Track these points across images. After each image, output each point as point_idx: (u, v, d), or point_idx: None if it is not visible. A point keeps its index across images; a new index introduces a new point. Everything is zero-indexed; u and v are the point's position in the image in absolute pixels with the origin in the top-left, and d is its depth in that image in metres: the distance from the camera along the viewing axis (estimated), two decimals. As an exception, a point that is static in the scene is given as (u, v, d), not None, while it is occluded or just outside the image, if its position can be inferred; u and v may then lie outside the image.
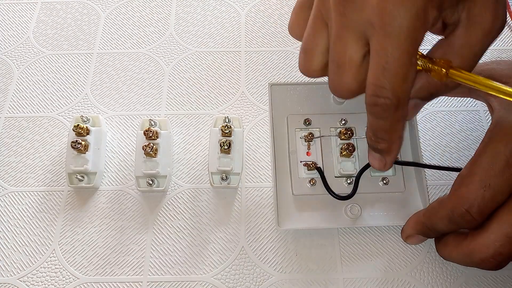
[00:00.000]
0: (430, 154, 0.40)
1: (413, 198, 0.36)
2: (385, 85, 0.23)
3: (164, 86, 0.43)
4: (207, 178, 0.38)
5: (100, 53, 0.45)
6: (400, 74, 0.23)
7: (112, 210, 0.37)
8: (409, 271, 0.35)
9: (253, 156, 0.40)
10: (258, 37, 0.46)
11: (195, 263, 0.35)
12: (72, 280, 0.35)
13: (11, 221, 0.37)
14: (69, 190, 0.38)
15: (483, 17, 0.23)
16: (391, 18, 0.22)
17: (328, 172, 0.36)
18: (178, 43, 0.46)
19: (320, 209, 0.35)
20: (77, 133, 0.37)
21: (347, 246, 0.36)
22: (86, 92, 0.43)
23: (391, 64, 0.23)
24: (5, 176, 0.39)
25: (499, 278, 0.34)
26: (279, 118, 0.38)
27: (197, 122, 0.41)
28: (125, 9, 0.49)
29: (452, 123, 0.41)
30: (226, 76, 0.44)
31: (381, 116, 0.25)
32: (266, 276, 0.35)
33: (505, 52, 0.46)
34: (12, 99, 0.43)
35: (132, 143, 0.40)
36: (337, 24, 0.24)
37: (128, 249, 0.36)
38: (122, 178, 0.39)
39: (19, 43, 0.46)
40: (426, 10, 0.22)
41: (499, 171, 0.28)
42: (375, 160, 0.29)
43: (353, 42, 0.24)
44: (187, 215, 0.37)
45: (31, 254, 0.36)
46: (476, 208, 0.28)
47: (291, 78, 0.44)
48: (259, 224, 0.37)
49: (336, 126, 0.37)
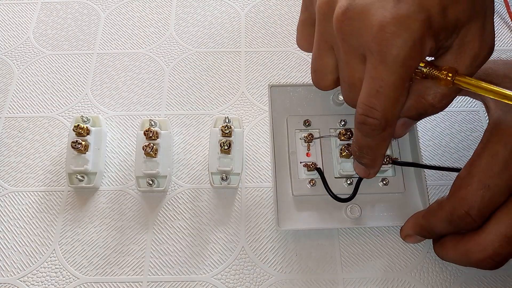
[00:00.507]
0: (429, 155, 0.40)
1: (413, 198, 0.36)
2: (376, 106, 0.24)
3: (164, 86, 0.43)
4: (207, 178, 0.38)
5: (100, 53, 0.45)
6: (391, 98, 0.24)
7: (112, 210, 0.37)
8: (409, 271, 0.35)
9: (253, 156, 0.40)
10: (258, 37, 0.46)
11: (195, 263, 0.35)
12: (72, 280, 0.35)
13: (11, 221, 0.37)
14: (69, 190, 0.38)
15: (472, 44, 0.24)
16: (388, 47, 0.22)
17: (328, 173, 0.36)
18: (178, 43, 0.46)
19: (320, 209, 0.35)
20: (77, 133, 0.37)
21: (347, 246, 0.36)
22: (86, 92, 0.43)
23: (384, 88, 0.24)
24: (5, 176, 0.39)
25: (499, 278, 0.34)
26: (279, 119, 0.38)
27: (197, 122, 0.41)
28: (125, 9, 0.49)
29: (451, 124, 0.41)
30: (226, 76, 0.44)
31: (368, 135, 0.26)
32: (266, 276, 0.35)
33: (505, 52, 0.46)
34: (12, 99, 0.43)
35: (132, 143, 0.40)
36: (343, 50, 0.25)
37: (128, 249, 0.36)
38: (122, 178, 0.39)
39: (19, 43, 0.46)
40: (423, 40, 0.23)
41: (498, 172, 0.28)
42: (360, 169, 0.31)
43: (359, 65, 0.25)
44: (187, 215, 0.37)
45: (31, 254, 0.36)
46: (476, 209, 0.28)
47: (291, 78, 0.44)
48: (259, 224, 0.37)
49: (335, 127, 0.37)
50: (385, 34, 0.22)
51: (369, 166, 0.30)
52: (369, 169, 0.31)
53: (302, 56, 0.45)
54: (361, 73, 0.25)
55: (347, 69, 0.26)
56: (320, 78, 0.29)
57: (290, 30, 0.47)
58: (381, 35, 0.22)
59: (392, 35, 0.22)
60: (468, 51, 0.24)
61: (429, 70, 0.24)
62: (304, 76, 0.44)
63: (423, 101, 0.26)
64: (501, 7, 0.48)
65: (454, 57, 0.25)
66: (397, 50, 0.22)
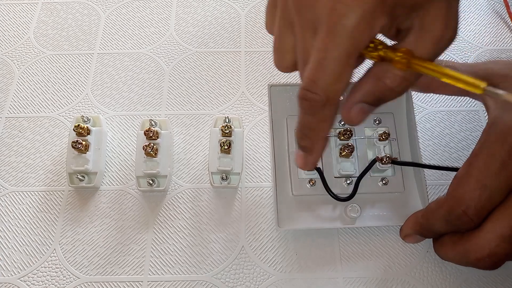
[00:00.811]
0: (429, 154, 0.40)
1: (412, 198, 0.36)
2: (317, 80, 0.23)
3: (165, 86, 0.44)
4: (207, 178, 0.38)
5: (101, 53, 0.46)
6: (334, 73, 0.23)
7: (112, 210, 0.37)
8: (408, 270, 0.35)
9: (253, 156, 0.40)
10: (258, 37, 0.47)
11: (195, 262, 0.35)
12: (72, 279, 0.35)
13: (11, 221, 0.37)
14: (69, 190, 0.38)
15: (435, 25, 0.23)
16: (337, 18, 0.22)
17: (328, 173, 0.36)
18: (178, 43, 0.46)
19: (320, 209, 0.36)
20: (78, 133, 0.37)
21: (347, 245, 0.36)
22: (86, 92, 0.43)
23: (328, 61, 0.23)
24: (6, 176, 0.39)
25: (498, 278, 0.34)
26: (279, 119, 0.38)
27: (197, 122, 0.42)
28: (126, 9, 0.49)
29: (451, 123, 0.41)
30: (226, 76, 0.44)
31: (308, 112, 0.25)
32: (266, 275, 0.35)
33: (504, 52, 0.46)
34: (13, 99, 0.43)
35: (132, 143, 0.40)
36: (297, 24, 0.24)
37: (129, 249, 0.36)
38: (122, 178, 0.39)
39: (20, 43, 0.46)
40: (374, 15, 0.22)
41: (495, 172, 0.28)
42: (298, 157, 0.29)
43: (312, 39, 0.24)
44: (187, 215, 0.37)
45: (32, 253, 0.36)
46: (473, 209, 0.28)
47: (291, 78, 0.44)
48: (259, 223, 0.37)
49: (335, 126, 0.37)
50: (336, 5, 0.22)
51: (308, 150, 0.28)
52: (307, 156, 0.28)
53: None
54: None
55: (302, 44, 0.25)
56: (280, 58, 0.28)
57: (290, 30, 0.47)
58: (332, 5, 0.22)
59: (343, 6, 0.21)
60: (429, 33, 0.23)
61: (384, 52, 0.23)
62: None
63: (381, 84, 0.24)
64: (501, 7, 0.48)
65: (415, 39, 0.23)
66: (345, 21, 0.22)
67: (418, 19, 0.23)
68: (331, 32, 0.22)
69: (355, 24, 0.22)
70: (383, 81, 0.24)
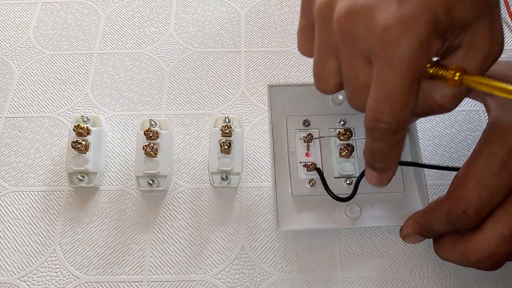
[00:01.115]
0: (429, 154, 0.40)
1: (412, 198, 0.36)
2: (385, 111, 0.24)
3: (165, 86, 0.43)
4: (207, 178, 0.38)
5: (101, 53, 0.46)
6: (400, 101, 0.23)
7: (112, 210, 0.37)
8: (408, 270, 0.35)
9: (253, 156, 0.40)
10: (258, 37, 0.47)
11: (195, 262, 0.35)
12: (72, 280, 0.35)
13: (11, 221, 0.37)
14: (69, 190, 0.38)
15: (484, 43, 0.23)
16: (393, 50, 0.22)
17: (328, 173, 0.36)
18: (178, 43, 0.46)
19: (320, 209, 0.36)
20: (78, 133, 0.37)
21: (347, 246, 0.36)
22: (86, 92, 0.43)
23: (392, 92, 0.23)
24: (6, 176, 0.39)
25: (499, 278, 0.34)
26: (278, 119, 0.38)
27: (197, 122, 0.41)
28: (126, 9, 0.49)
29: (451, 123, 0.41)
30: (226, 76, 0.44)
31: (379, 139, 0.25)
32: (266, 276, 0.35)
33: (505, 52, 0.46)
34: (13, 99, 0.43)
35: (132, 143, 0.40)
36: (345, 53, 0.24)
37: (129, 249, 0.36)
38: (122, 178, 0.39)
39: (20, 43, 0.46)
40: (429, 41, 0.22)
41: (495, 172, 0.28)
42: (372, 177, 0.30)
43: (362, 68, 0.24)
44: (187, 215, 0.37)
45: (32, 254, 0.36)
46: (473, 209, 0.28)
47: (291, 78, 0.44)
48: (259, 224, 0.37)
49: (335, 126, 0.37)
50: (389, 37, 0.22)
51: (383, 171, 0.28)
52: (383, 175, 0.29)
53: (302, 56, 0.45)
54: (365, 76, 0.25)
55: (351, 73, 0.25)
56: (322, 82, 0.28)
57: (290, 30, 0.47)
58: (385, 37, 0.22)
59: (397, 38, 0.21)
60: (478, 50, 0.23)
61: (435, 70, 0.24)
62: (304, 76, 0.44)
63: (430, 100, 0.25)
64: (501, 7, 0.48)
65: (464, 56, 0.24)
66: (402, 52, 0.22)
67: (467, 38, 0.23)
68: (389, 65, 0.22)
69: (413, 55, 0.22)
70: (433, 98, 0.25)
